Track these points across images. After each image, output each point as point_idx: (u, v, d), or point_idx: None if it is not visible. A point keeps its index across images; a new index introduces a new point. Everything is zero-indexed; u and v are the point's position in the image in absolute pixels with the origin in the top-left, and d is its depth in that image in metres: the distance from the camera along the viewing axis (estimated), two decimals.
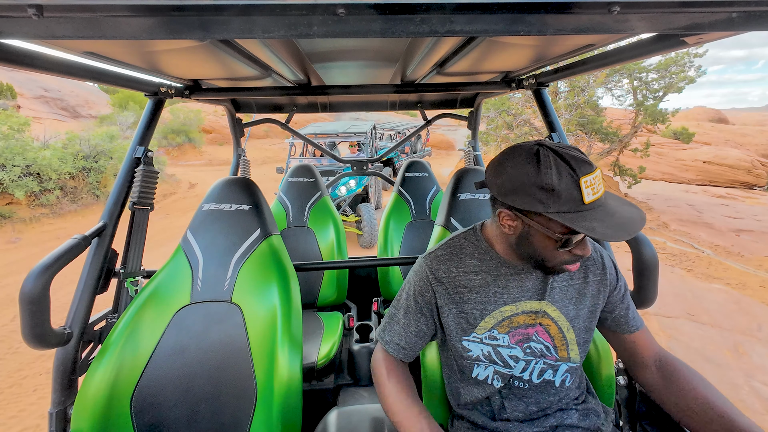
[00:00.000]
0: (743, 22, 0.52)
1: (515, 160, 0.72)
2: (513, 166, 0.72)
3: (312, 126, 7.08)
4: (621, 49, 0.94)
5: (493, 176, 0.76)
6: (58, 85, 18.76)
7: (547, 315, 0.84)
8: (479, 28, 0.50)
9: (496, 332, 0.85)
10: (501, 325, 0.84)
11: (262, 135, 20.02)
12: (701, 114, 25.38)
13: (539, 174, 0.68)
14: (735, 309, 3.75)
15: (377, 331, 0.93)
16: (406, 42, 1.03)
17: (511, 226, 0.77)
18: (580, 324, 0.86)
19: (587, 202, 0.68)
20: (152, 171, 1.25)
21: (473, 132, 2.31)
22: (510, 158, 0.73)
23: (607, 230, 0.66)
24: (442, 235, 1.20)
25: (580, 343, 0.85)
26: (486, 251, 0.86)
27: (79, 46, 0.83)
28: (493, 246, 0.86)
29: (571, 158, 0.68)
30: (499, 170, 0.74)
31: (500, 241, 0.84)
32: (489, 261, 0.86)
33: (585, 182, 0.67)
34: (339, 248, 2.09)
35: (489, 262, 0.86)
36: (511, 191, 0.71)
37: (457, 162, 12.94)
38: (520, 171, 0.70)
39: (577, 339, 0.85)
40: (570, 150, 0.70)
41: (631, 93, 9.57)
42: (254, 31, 0.48)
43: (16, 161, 6.84)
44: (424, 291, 0.87)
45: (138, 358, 1.01)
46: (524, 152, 0.71)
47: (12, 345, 3.23)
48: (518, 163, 0.71)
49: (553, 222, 0.70)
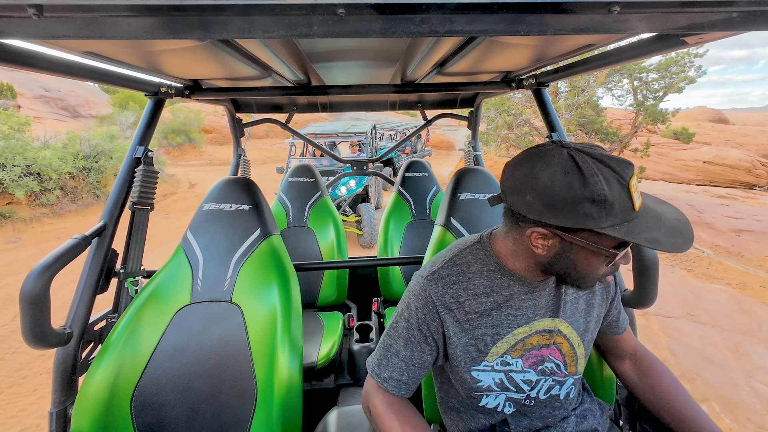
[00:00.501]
0: (743, 21, 0.52)
1: (547, 171, 0.61)
2: (548, 179, 0.60)
3: (312, 126, 7.09)
4: (621, 49, 0.94)
5: (517, 193, 0.65)
6: (58, 85, 18.76)
7: (560, 333, 0.79)
8: (479, 28, 0.50)
9: (509, 357, 0.77)
10: (514, 349, 0.77)
11: (262, 135, 20.02)
12: (701, 114, 25.37)
13: (586, 185, 0.58)
14: (735, 309, 3.75)
15: (369, 364, 0.80)
16: (406, 42, 1.03)
17: (544, 245, 0.66)
18: (588, 337, 0.82)
19: (637, 208, 0.60)
20: (152, 171, 1.25)
21: (473, 132, 2.31)
22: (538, 169, 0.62)
23: (669, 239, 0.59)
24: (442, 234, 1.20)
25: (586, 355, 0.83)
26: (496, 268, 0.76)
27: (79, 46, 0.83)
28: (503, 262, 0.76)
29: (611, 160, 0.60)
30: (527, 185, 0.63)
31: (520, 258, 0.73)
32: (500, 279, 0.76)
33: (633, 186, 0.60)
34: (339, 248, 2.09)
35: (500, 281, 0.76)
36: (550, 208, 0.60)
37: (457, 162, 12.94)
38: (559, 184, 0.59)
39: (585, 352, 0.82)
40: (597, 149, 0.63)
41: (632, 93, 9.57)
42: (254, 31, 0.48)
43: (16, 161, 6.84)
44: (429, 319, 0.76)
45: (138, 357, 1.01)
46: (554, 160, 0.61)
47: (12, 345, 3.23)
48: (554, 175, 0.60)
49: (603, 237, 0.61)
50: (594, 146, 0.64)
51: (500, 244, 0.77)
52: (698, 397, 2.56)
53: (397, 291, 2.00)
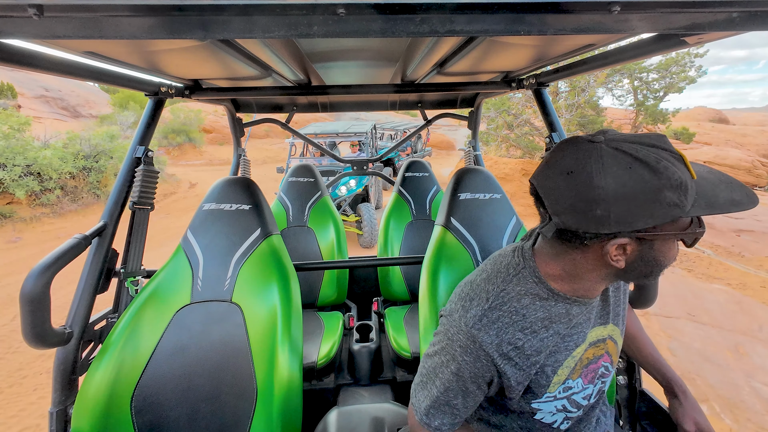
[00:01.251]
0: (744, 21, 0.52)
1: (607, 174, 0.53)
2: (613, 182, 0.53)
3: (312, 126, 7.09)
4: (621, 49, 0.94)
5: (579, 212, 0.56)
6: (58, 84, 18.77)
7: (611, 338, 0.75)
8: (479, 28, 0.50)
9: (570, 381, 0.70)
10: (574, 371, 0.70)
11: (262, 135, 20.03)
12: (702, 114, 25.36)
13: (657, 173, 0.52)
14: (735, 309, 3.75)
15: (417, 411, 0.71)
16: (406, 42, 1.03)
17: (623, 256, 0.59)
18: (623, 330, 0.78)
19: (695, 176, 0.55)
20: (152, 171, 1.25)
21: (473, 132, 2.31)
22: (595, 177, 0.54)
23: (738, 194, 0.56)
24: (442, 234, 1.20)
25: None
26: (549, 296, 0.67)
27: (79, 45, 0.83)
28: (556, 286, 0.67)
29: (649, 138, 0.55)
30: (590, 198, 0.54)
31: (580, 280, 0.65)
32: (555, 307, 0.67)
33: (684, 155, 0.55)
34: (339, 248, 2.09)
35: (556, 308, 0.67)
36: (628, 213, 0.53)
37: (457, 162, 12.93)
38: (630, 183, 0.53)
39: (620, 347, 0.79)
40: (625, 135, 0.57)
41: (632, 93, 9.57)
42: (254, 31, 0.48)
43: (16, 161, 6.85)
44: (483, 372, 0.67)
45: (138, 357, 1.01)
46: (605, 161, 0.54)
47: (12, 344, 3.23)
48: (618, 175, 0.53)
49: (683, 219, 0.56)
50: (614, 131, 0.59)
51: (552, 267, 0.67)
52: (699, 398, 2.56)
53: (397, 291, 2.00)
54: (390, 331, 1.65)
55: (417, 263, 1.46)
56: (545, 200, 0.61)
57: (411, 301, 2.00)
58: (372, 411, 1.07)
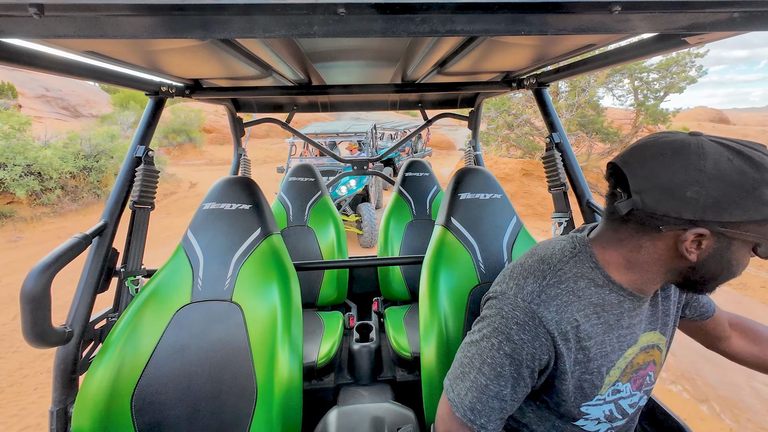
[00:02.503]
0: (744, 22, 0.52)
1: (708, 160, 0.53)
2: (713, 168, 0.52)
3: (312, 126, 7.09)
4: (622, 49, 0.94)
5: (667, 192, 0.54)
6: (59, 84, 18.78)
7: (658, 347, 0.71)
8: (480, 27, 0.50)
9: (620, 384, 0.67)
10: (624, 373, 0.67)
11: (262, 134, 20.03)
12: (702, 114, 25.35)
13: (761, 169, 0.51)
14: (736, 309, 3.74)
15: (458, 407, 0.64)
16: (406, 42, 1.03)
17: (698, 248, 0.56)
18: (669, 343, 0.75)
19: None
20: (153, 170, 1.25)
21: (474, 132, 2.31)
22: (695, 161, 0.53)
23: None
24: (442, 234, 1.20)
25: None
26: (605, 283, 0.64)
27: (80, 45, 0.83)
28: (612, 274, 0.65)
29: (750, 142, 0.56)
30: (685, 179, 0.53)
31: (641, 270, 0.63)
32: (609, 296, 0.64)
33: None
34: (339, 248, 2.09)
35: (609, 298, 0.64)
36: (721, 200, 0.52)
37: (457, 162, 12.93)
38: (730, 171, 0.52)
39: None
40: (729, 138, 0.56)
41: (632, 93, 9.57)
42: (255, 31, 0.48)
43: (17, 160, 6.85)
44: (541, 353, 0.62)
45: (138, 356, 1.01)
46: (706, 149, 0.53)
47: (13, 344, 3.24)
48: (719, 162, 0.52)
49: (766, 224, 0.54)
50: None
51: (611, 254, 0.64)
52: (699, 397, 2.56)
53: (397, 291, 2.00)
54: (390, 331, 1.65)
55: (417, 263, 1.47)
56: (630, 177, 0.58)
57: (411, 300, 2.00)
58: (372, 410, 1.07)
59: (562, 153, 1.40)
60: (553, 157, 1.39)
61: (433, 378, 1.02)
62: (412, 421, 1.04)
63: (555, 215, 1.42)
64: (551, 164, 1.40)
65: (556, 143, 1.40)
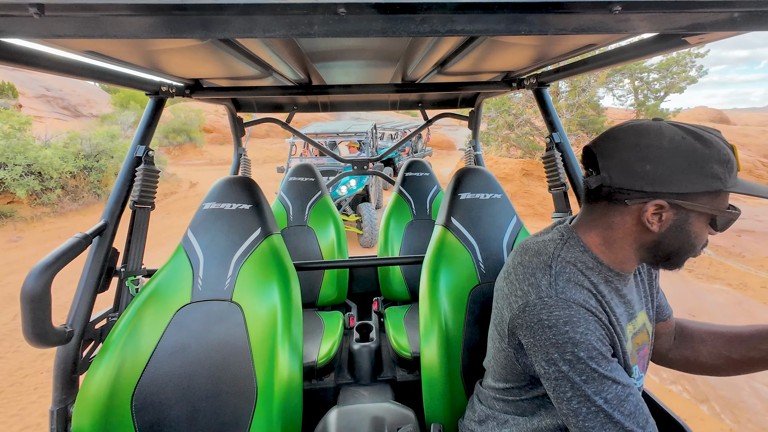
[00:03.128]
0: (745, 21, 0.52)
1: (663, 137, 0.59)
2: (668, 143, 0.58)
3: (313, 125, 7.10)
4: (622, 48, 0.94)
5: (627, 166, 0.60)
6: (59, 84, 18.78)
7: (647, 328, 0.74)
8: (480, 27, 0.50)
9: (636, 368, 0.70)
10: (632, 355, 0.69)
11: (262, 134, 20.04)
12: (703, 114, 25.32)
13: (709, 145, 0.57)
14: (736, 310, 3.74)
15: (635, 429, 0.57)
16: (406, 41, 1.03)
17: (659, 220, 0.61)
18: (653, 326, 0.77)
19: (741, 169, 0.60)
20: (153, 170, 1.25)
21: (474, 132, 2.31)
22: (653, 138, 0.59)
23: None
24: (442, 234, 1.20)
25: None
26: (594, 265, 0.67)
27: (80, 45, 0.83)
28: (598, 255, 0.68)
29: (705, 126, 0.61)
30: (643, 155, 0.59)
31: (617, 247, 0.66)
32: (598, 276, 0.67)
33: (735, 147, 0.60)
34: (339, 248, 2.09)
35: (598, 278, 0.67)
36: (673, 173, 0.58)
37: (457, 162, 12.93)
38: (682, 146, 0.57)
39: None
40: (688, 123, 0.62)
41: (632, 93, 9.57)
42: (255, 31, 0.48)
43: (17, 160, 6.86)
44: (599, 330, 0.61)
45: (139, 356, 1.01)
46: (663, 129, 0.60)
47: (13, 344, 3.24)
48: (674, 139, 0.58)
49: (720, 198, 0.59)
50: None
51: (592, 235, 0.68)
52: (699, 397, 2.56)
53: (398, 290, 2.00)
54: (390, 331, 1.65)
55: (417, 263, 1.46)
56: (599, 156, 0.65)
57: (411, 300, 2.00)
58: (372, 410, 1.07)
59: (563, 153, 1.40)
60: (554, 157, 1.39)
61: (433, 378, 1.02)
62: (412, 421, 1.04)
63: (555, 215, 1.42)
64: (551, 164, 1.40)
65: (556, 143, 1.40)
